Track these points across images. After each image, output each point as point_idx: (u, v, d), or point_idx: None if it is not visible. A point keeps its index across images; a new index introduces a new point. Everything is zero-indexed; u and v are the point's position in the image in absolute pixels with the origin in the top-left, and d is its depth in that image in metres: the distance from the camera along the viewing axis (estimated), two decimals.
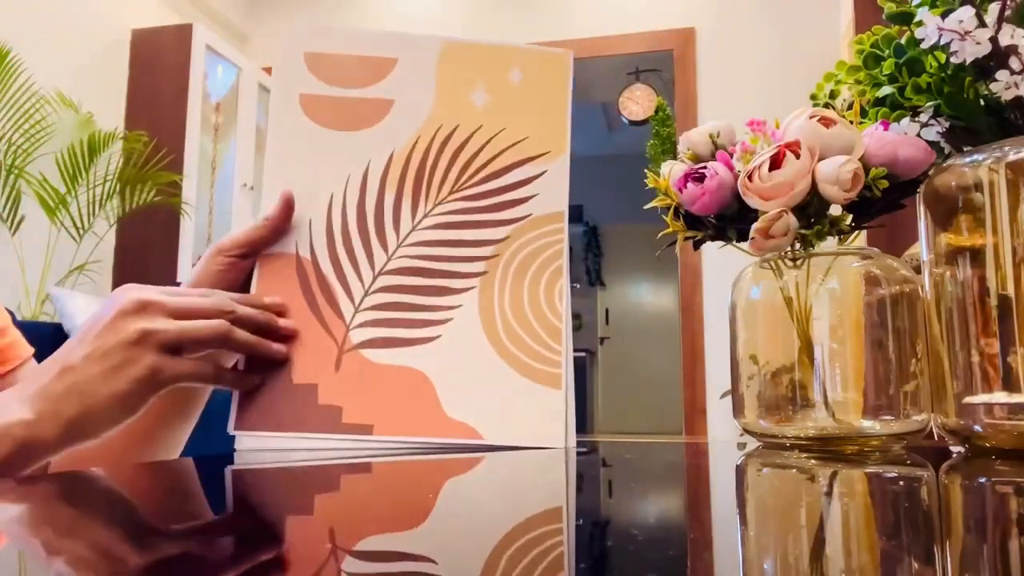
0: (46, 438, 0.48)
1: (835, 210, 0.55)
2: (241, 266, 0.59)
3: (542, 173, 0.63)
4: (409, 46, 0.65)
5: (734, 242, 0.59)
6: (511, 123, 0.64)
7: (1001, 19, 0.49)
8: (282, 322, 0.57)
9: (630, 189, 2.04)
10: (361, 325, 0.59)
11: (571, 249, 0.68)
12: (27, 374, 0.52)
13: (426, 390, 0.58)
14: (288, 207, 0.60)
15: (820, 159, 0.53)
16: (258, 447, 0.58)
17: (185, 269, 3.05)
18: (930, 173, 0.54)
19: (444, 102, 0.64)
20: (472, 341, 0.60)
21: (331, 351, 0.58)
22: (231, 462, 0.56)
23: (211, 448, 0.61)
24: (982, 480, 0.43)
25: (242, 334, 0.54)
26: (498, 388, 0.59)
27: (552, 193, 0.63)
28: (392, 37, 0.65)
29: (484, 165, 0.63)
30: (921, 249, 0.55)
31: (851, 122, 0.55)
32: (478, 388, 0.59)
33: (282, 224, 0.60)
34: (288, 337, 0.57)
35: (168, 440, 0.63)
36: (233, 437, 0.57)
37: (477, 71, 0.64)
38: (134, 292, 0.51)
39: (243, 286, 0.60)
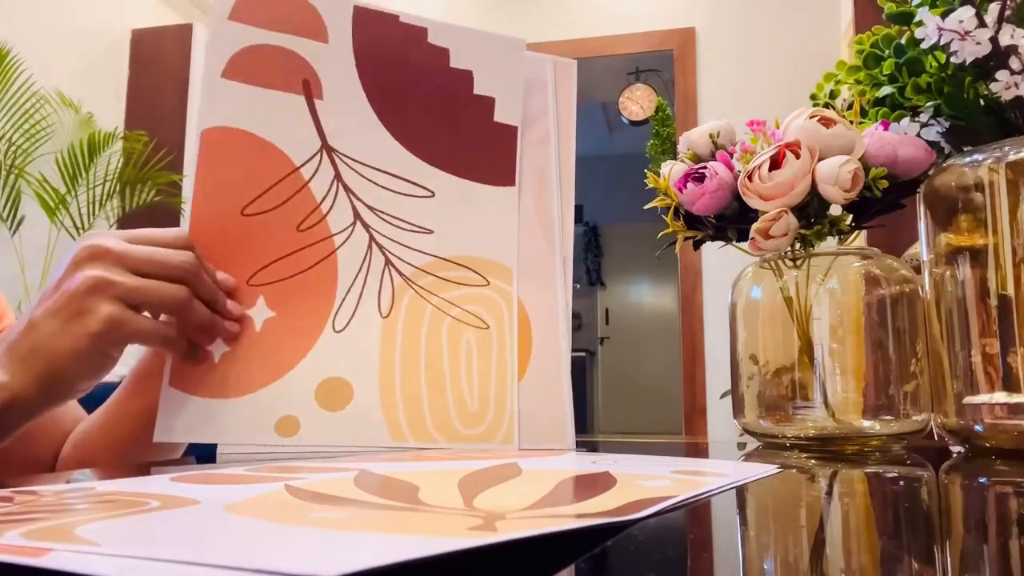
0: (25, 398, 0.46)
1: (835, 210, 0.55)
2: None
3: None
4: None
5: (734, 242, 0.59)
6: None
7: (1001, 19, 0.49)
8: (229, 304, 0.53)
9: (630, 189, 2.04)
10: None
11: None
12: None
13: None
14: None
15: (820, 159, 0.53)
16: (239, 446, 0.56)
17: None
18: (930, 173, 0.54)
19: None
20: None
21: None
22: (210, 461, 0.56)
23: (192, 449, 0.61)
24: (982, 480, 0.43)
25: (199, 308, 0.50)
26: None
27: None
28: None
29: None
30: (921, 249, 0.55)
31: (851, 122, 0.55)
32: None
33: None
34: (236, 319, 0.53)
35: None
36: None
37: None
38: (92, 239, 0.48)
39: None
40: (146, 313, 0.49)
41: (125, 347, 0.49)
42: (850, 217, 0.56)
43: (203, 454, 0.60)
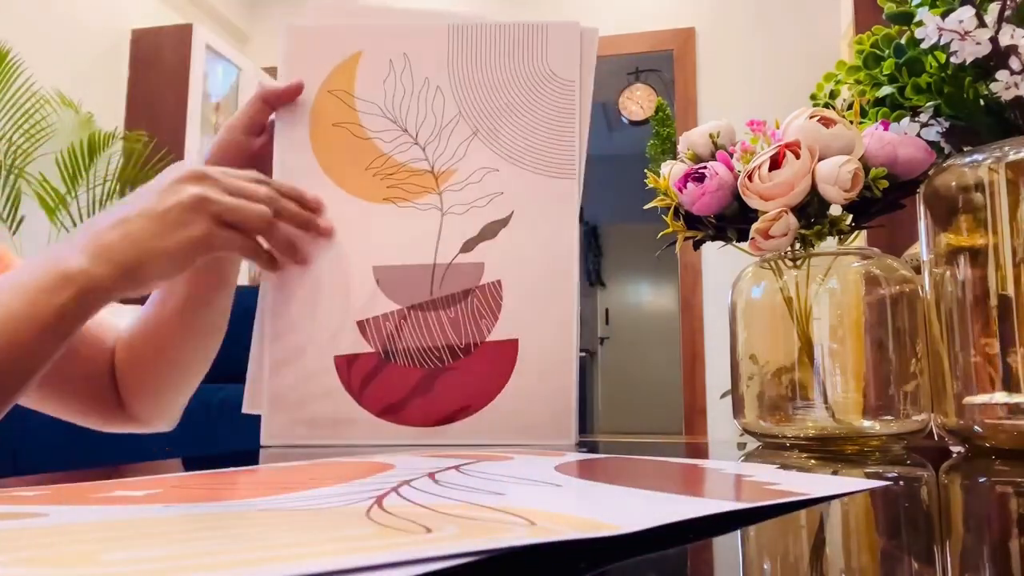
0: (103, 282, 0.51)
1: (835, 210, 0.55)
2: (248, 144, 0.64)
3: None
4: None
5: (734, 242, 0.59)
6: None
7: (1001, 19, 0.49)
8: (320, 221, 0.60)
9: (630, 189, 2.04)
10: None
11: None
12: (76, 230, 0.58)
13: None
14: (278, 90, 0.63)
15: (820, 159, 0.53)
16: (286, 442, 0.59)
17: None
18: (930, 173, 0.54)
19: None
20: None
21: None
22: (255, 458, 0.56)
23: (215, 447, 0.62)
24: (982, 480, 0.43)
25: (284, 227, 0.58)
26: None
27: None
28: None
29: None
30: (921, 249, 0.55)
31: (851, 122, 0.55)
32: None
33: (274, 93, 0.63)
34: (324, 236, 0.61)
35: (216, 305, 0.67)
36: (238, 436, 0.58)
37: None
38: (192, 165, 0.56)
39: (253, 162, 0.63)
40: None
41: (206, 256, 0.56)
42: (850, 217, 0.56)
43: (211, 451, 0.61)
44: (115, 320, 0.70)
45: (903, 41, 0.55)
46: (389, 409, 0.59)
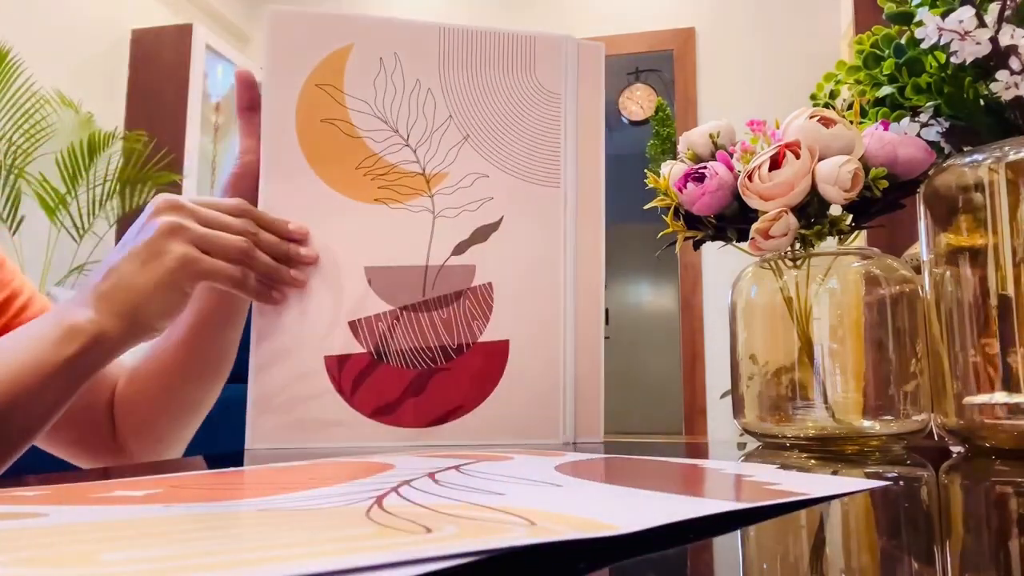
0: (110, 333, 0.52)
1: (835, 210, 0.55)
2: (255, 164, 0.62)
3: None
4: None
5: (734, 242, 0.59)
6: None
7: (1001, 19, 0.49)
8: (302, 251, 0.59)
9: (630, 189, 2.04)
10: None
11: None
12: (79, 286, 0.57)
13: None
14: (245, 83, 0.63)
15: (820, 159, 0.53)
16: (273, 445, 0.58)
17: None
18: (930, 173, 0.54)
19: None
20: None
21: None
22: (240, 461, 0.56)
23: (215, 447, 0.62)
24: (982, 480, 0.43)
25: (262, 257, 0.57)
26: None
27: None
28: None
29: None
30: (921, 249, 0.55)
31: (851, 122, 0.55)
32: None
33: (246, 100, 0.62)
34: (307, 264, 0.60)
35: (222, 342, 0.66)
36: (238, 436, 0.58)
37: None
38: (167, 197, 0.55)
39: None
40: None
41: (196, 284, 0.55)
42: (850, 217, 0.56)
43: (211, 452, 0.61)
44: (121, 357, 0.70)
45: (903, 41, 0.55)
46: (381, 410, 0.59)
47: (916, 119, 0.56)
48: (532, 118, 0.64)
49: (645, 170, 0.65)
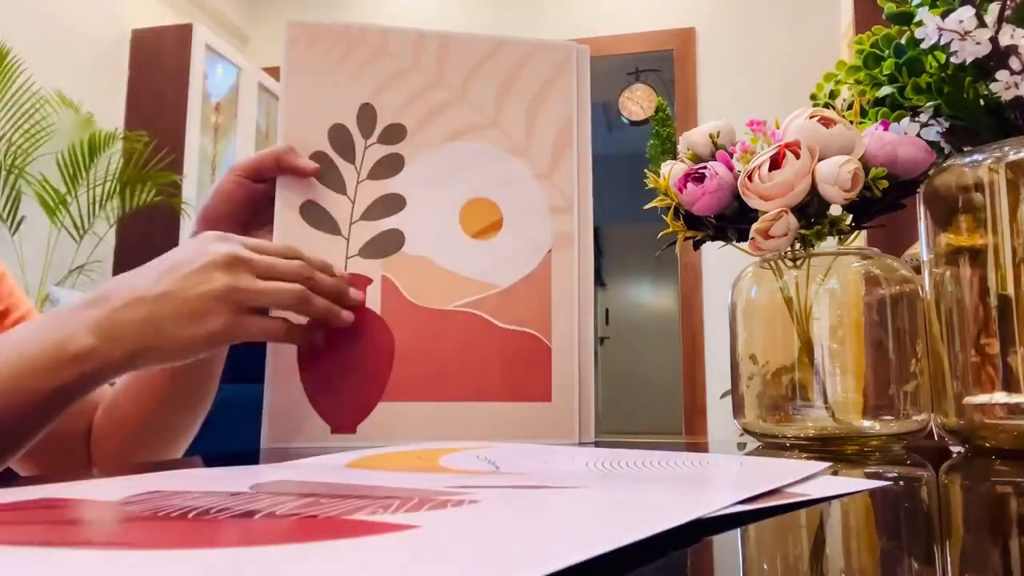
0: (111, 362, 0.49)
1: (835, 210, 0.55)
2: (250, 188, 0.61)
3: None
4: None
5: (734, 242, 0.59)
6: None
7: (1001, 19, 0.49)
8: (352, 292, 0.59)
9: (630, 189, 2.03)
10: None
11: None
12: (87, 294, 0.54)
13: None
14: (294, 164, 0.62)
15: (820, 159, 0.53)
16: (285, 444, 0.58)
17: None
18: (930, 173, 0.54)
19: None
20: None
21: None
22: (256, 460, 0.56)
23: (221, 445, 0.62)
24: (982, 480, 0.43)
25: (319, 300, 0.56)
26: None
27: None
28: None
29: None
30: (921, 249, 0.55)
31: (851, 122, 0.55)
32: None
33: (290, 163, 0.61)
34: (357, 306, 0.60)
35: (206, 370, 0.65)
36: (245, 436, 0.58)
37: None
38: (223, 246, 0.52)
39: (254, 207, 0.62)
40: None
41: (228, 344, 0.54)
42: (850, 217, 0.56)
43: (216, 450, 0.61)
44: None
45: (903, 41, 0.55)
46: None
47: (916, 119, 0.56)
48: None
49: (645, 170, 0.65)
